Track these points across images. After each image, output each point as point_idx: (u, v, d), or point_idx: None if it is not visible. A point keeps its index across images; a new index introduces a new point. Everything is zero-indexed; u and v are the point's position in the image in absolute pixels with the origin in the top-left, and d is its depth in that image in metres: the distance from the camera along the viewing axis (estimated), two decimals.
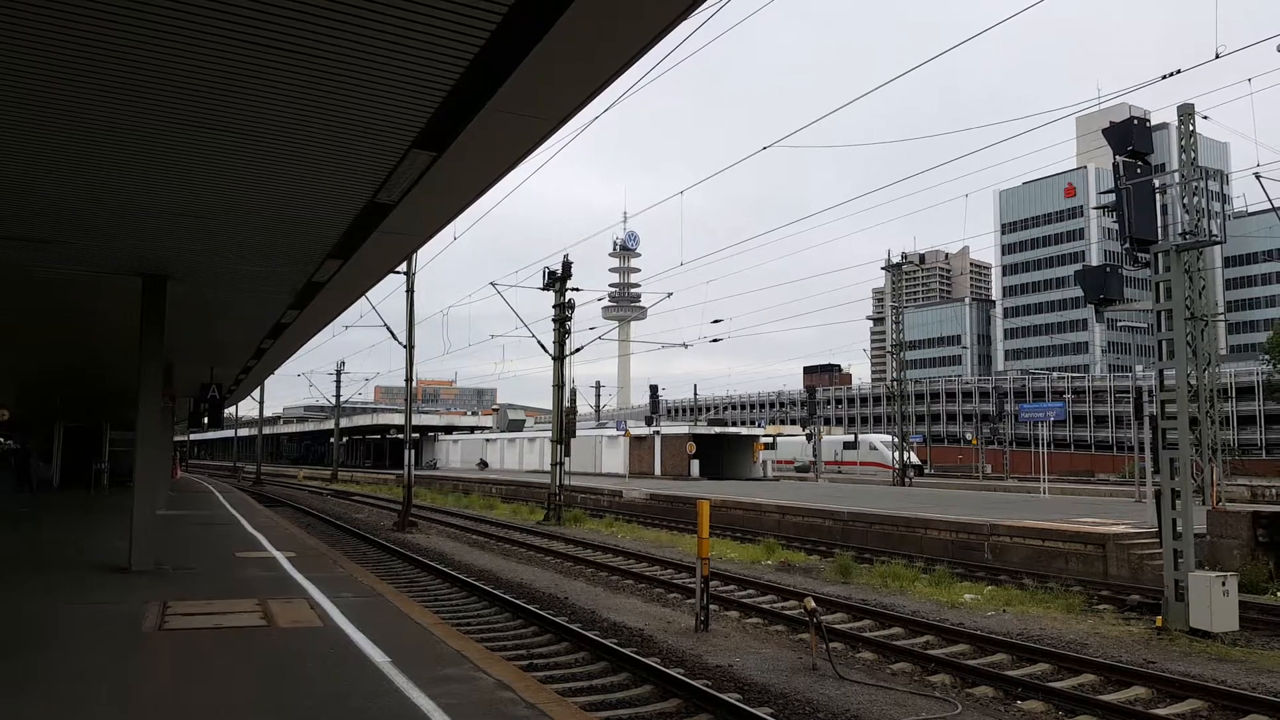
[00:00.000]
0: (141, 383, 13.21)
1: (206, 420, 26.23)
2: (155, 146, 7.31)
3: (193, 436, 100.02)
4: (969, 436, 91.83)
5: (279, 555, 15.27)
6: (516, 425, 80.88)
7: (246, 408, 72.09)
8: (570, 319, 32.68)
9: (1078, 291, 16.60)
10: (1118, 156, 14.67)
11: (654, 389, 72.72)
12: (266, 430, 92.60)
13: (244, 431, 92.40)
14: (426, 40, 5.43)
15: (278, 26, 5.29)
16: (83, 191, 8.52)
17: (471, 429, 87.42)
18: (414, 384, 33.43)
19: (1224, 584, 12.45)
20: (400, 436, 40.74)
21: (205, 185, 8.31)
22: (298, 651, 8.04)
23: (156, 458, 15.39)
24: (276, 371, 32.41)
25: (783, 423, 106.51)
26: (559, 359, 32.43)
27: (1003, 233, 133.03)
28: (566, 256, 32.61)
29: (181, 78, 6.01)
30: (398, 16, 5.16)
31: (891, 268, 51.28)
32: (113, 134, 7.04)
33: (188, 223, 9.62)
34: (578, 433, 36.90)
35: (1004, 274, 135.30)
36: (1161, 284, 14.26)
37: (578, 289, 32.79)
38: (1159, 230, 14.91)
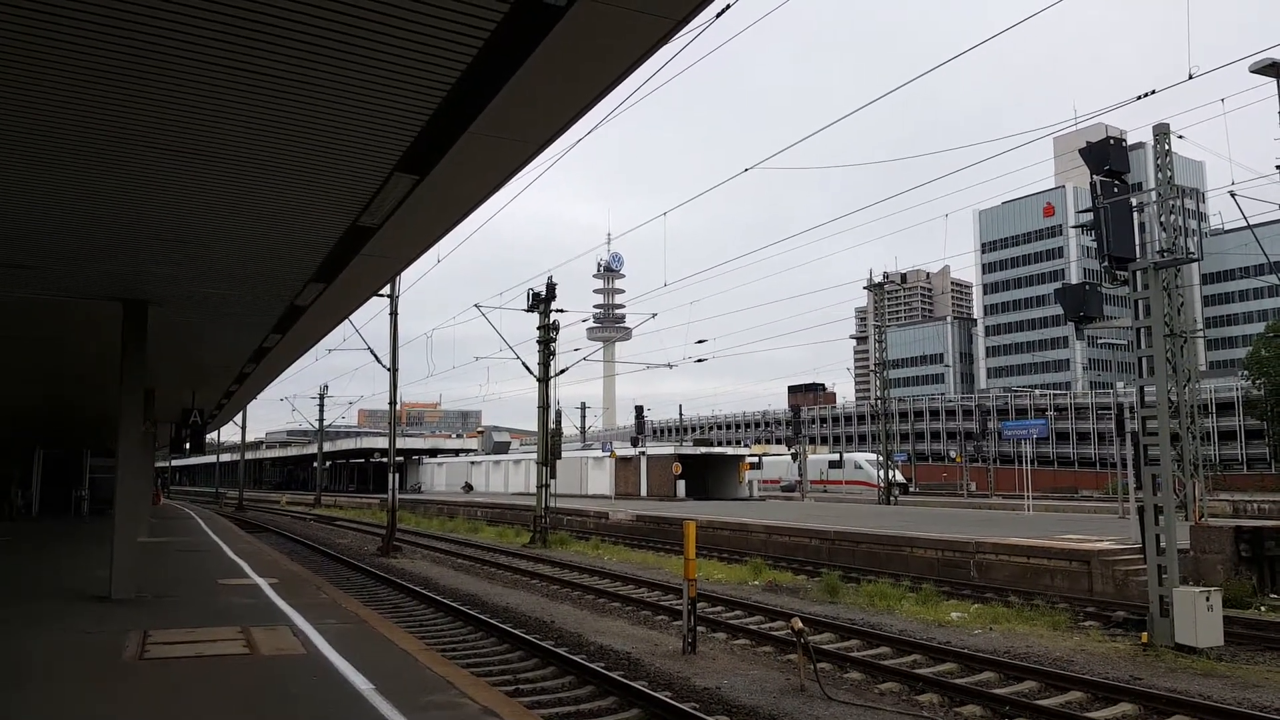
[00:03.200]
0: (122, 408, 13.08)
1: (188, 446, 25.99)
2: (136, 172, 7.28)
3: (174, 462, 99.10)
4: (953, 454, 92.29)
5: (261, 582, 15.11)
6: (501, 447, 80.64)
7: (229, 433, 71.54)
8: (555, 340, 32.69)
9: (1058, 309, 16.74)
10: (1095, 176, 14.82)
11: (639, 409, 72.78)
12: (249, 455, 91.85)
13: (226, 457, 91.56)
14: (409, 64, 5.44)
15: (258, 52, 5.29)
16: (62, 217, 8.47)
17: (456, 452, 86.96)
18: (398, 407, 33.29)
19: (1208, 599, 12.50)
20: (385, 460, 40.52)
21: (186, 210, 8.27)
22: (281, 680, 7.93)
23: (137, 484, 15.22)
24: (259, 396, 32.20)
25: (768, 442, 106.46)
26: (544, 380, 32.40)
27: (983, 252, 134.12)
28: (550, 278, 32.69)
29: (162, 103, 6.00)
30: (380, 41, 5.16)
31: (874, 287, 51.63)
32: (92, 160, 7.00)
33: (169, 248, 9.58)
34: (563, 454, 36.72)
35: (985, 292, 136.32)
36: (1140, 301, 14.40)
37: (562, 310, 32.86)
38: (1137, 248, 15.08)
